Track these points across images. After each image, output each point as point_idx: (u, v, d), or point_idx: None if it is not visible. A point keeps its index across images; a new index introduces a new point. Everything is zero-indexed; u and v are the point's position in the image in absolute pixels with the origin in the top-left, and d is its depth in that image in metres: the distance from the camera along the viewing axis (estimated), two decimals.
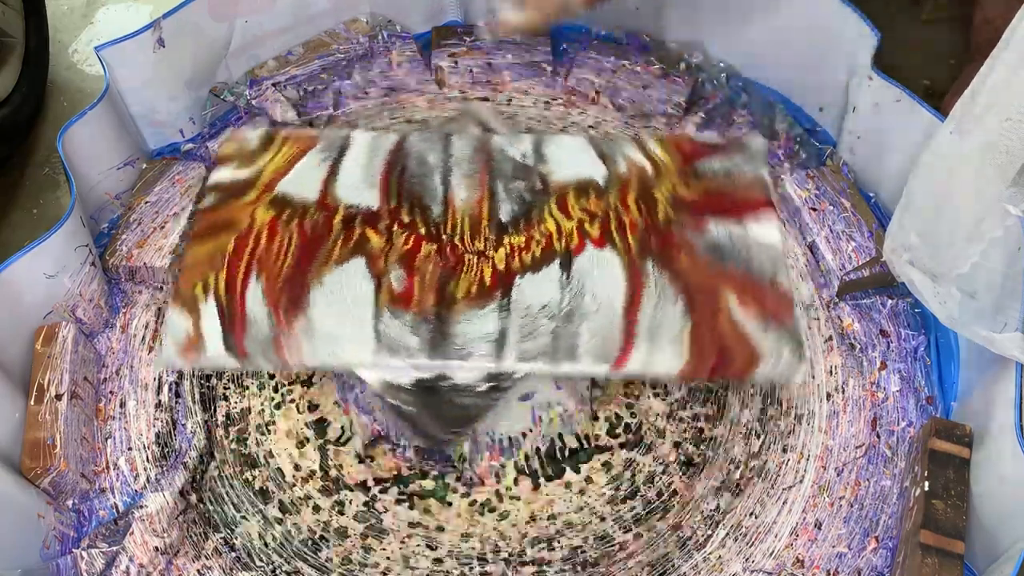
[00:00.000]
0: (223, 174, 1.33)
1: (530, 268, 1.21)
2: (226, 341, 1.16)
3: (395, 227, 1.26)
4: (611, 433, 1.31)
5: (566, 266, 1.21)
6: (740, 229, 1.24)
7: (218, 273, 1.22)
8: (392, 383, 1.18)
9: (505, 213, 1.27)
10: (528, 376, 1.17)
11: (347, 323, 1.17)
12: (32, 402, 1.26)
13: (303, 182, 1.31)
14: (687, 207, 1.27)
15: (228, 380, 1.38)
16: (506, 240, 1.24)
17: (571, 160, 1.33)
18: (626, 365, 1.13)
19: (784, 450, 1.30)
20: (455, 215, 1.27)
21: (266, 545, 1.25)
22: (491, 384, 1.17)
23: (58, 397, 1.27)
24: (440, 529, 1.25)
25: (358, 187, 1.31)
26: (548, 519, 1.25)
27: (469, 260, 1.22)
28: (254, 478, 1.30)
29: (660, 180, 1.30)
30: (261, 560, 1.23)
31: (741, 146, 1.33)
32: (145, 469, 1.30)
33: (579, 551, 1.23)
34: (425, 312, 1.17)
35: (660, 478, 1.28)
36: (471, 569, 1.22)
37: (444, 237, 1.25)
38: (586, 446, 1.30)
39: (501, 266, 1.21)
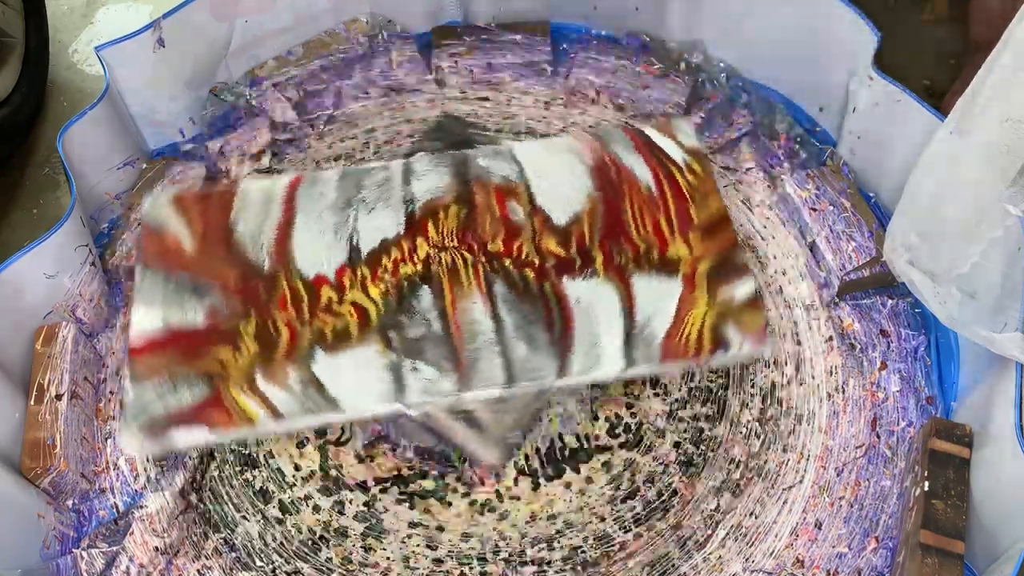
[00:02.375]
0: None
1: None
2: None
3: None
4: (611, 433, 1.31)
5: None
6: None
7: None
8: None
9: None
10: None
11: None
12: (32, 402, 1.26)
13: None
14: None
15: None
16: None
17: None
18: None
19: (784, 450, 1.30)
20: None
21: (266, 545, 1.25)
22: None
23: (58, 397, 1.27)
24: (440, 529, 1.25)
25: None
26: (548, 519, 1.25)
27: (463, 289, 1.24)
28: (254, 478, 1.30)
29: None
30: (261, 560, 1.23)
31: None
32: (145, 469, 1.30)
33: (579, 551, 1.23)
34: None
35: (660, 478, 1.28)
36: (471, 569, 1.22)
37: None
38: (586, 446, 1.30)
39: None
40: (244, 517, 1.27)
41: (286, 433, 1.27)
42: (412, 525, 1.26)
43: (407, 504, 1.27)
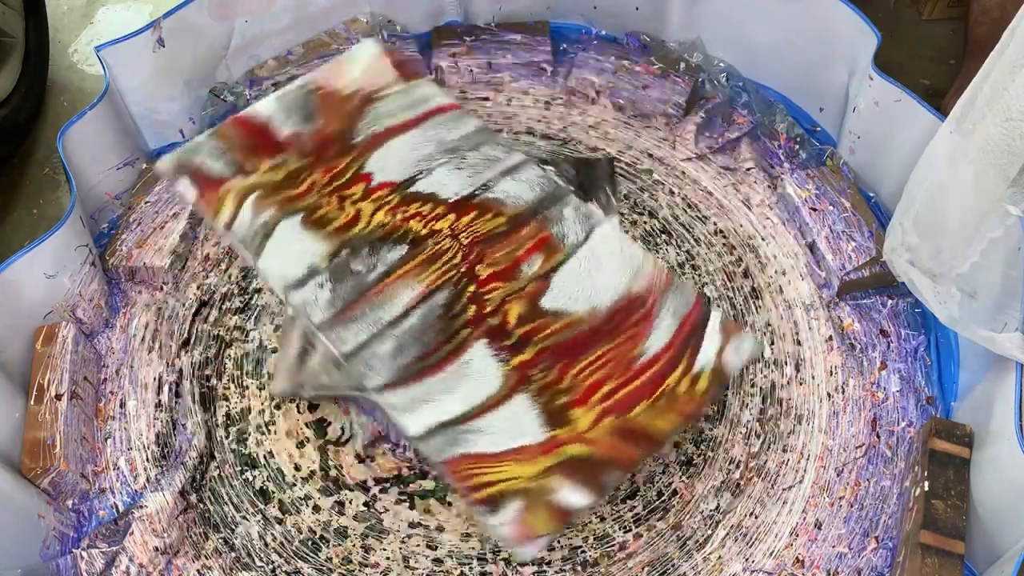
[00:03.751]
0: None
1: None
2: None
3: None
4: None
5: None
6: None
7: None
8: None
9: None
10: None
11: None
12: (32, 402, 1.26)
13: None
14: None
15: (228, 380, 1.38)
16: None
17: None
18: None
19: (784, 450, 1.30)
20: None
21: (266, 545, 1.25)
22: None
23: (58, 397, 1.27)
24: (440, 529, 1.25)
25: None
26: None
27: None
28: (254, 478, 1.30)
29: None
30: (261, 560, 1.23)
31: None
32: (145, 469, 1.30)
33: (579, 551, 1.23)
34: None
35: (660, 478, 1.28)
36: (471, 569, 1.22)
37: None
38: None
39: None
40: (244, 517, 1.27)
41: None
42: (412, 525, 1.26)
43: (407, 504, 1.27)
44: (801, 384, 1.34)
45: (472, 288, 1.17)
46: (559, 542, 1.23)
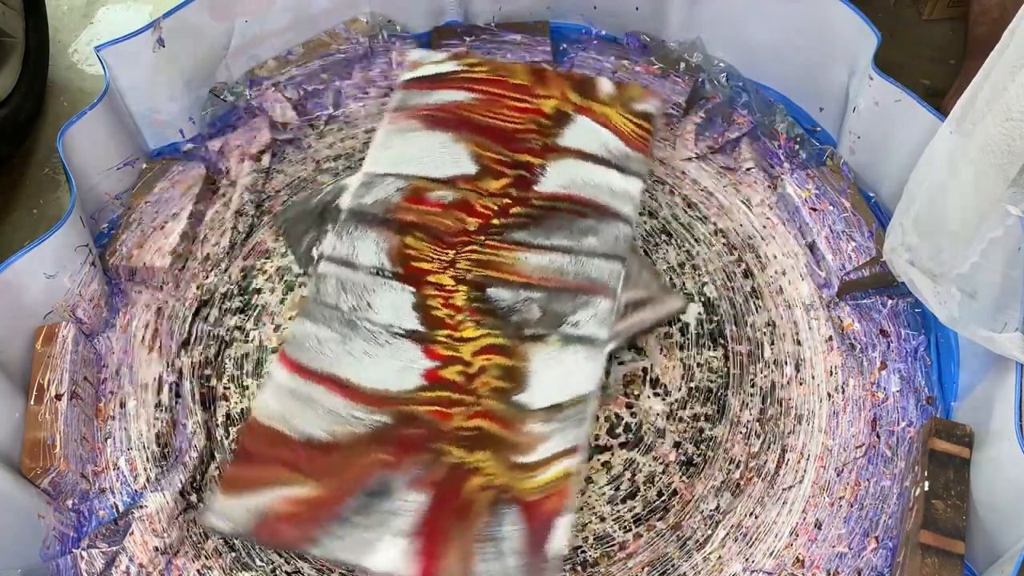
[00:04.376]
0: None
1: None
2: None
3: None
4: (611, 433, 1.31)
5: None
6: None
7: None
8: None
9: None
10: None
11: None
12: (32, 402, 1.26)
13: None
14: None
15: (228, 380, 1.38)
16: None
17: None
18: None
19: (784, 450, 1.30)
20: None
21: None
22: None
23: (58, 397, 1.27)
24: None
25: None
26: None
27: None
28: None
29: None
30: (261, 560, 1.23)
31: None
32: (145, 469, 1.30)
33: (579, 551, 1.23)
34: None
35: (660, 478, 1.28)
36: None
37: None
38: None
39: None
40: None
41: None
42: None
43: None
44: (801, 384, 1.34)
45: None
46: None
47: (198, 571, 1.22)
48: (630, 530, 1.24)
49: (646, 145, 1.38)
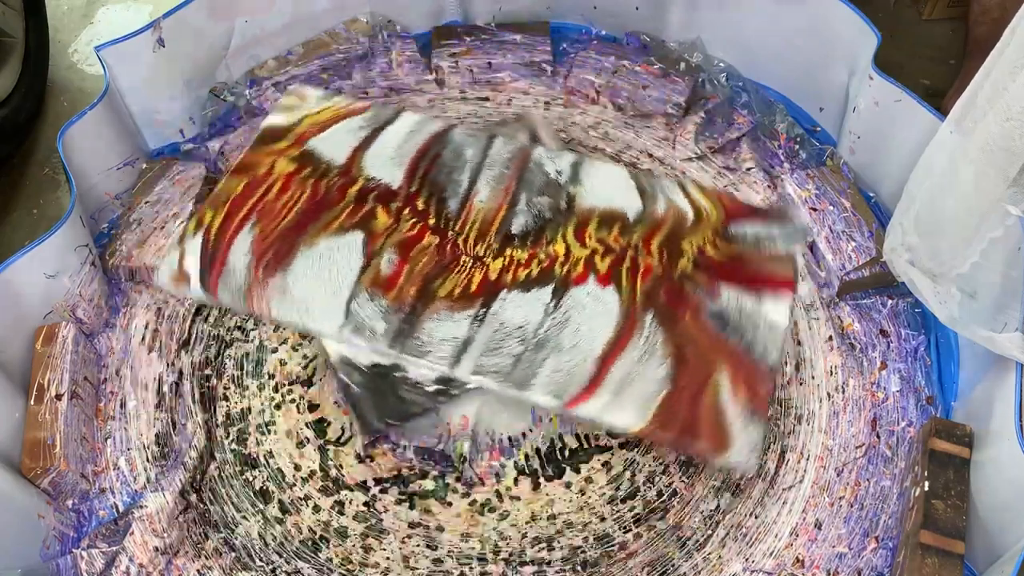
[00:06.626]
0: (276, 119, 1.36)
1: (521, 286, 1.18)
2: (202, 279, 1.20)
3: (406, 211, 1.25)
4: (611, 433, 1.31)
5: (559, 293, 1.17)
6: (753, 304, 1.16)
7: (216, 213, 1.25)
8: (349, 360, 1.21)
9: (518, 225, 1.24)
10: (479, 388, 1.15)
11: (323, 292, 1.18)
12: (32, 402, 1.26)
13: (335, 144, 1.32)
14: (708, 268, 1.18)
15: (228, 380, 1.38)
16: (508, 251, 1.21)
17: (606, 188, 1.27)
18: (578, 408, 1.09)
19: (784, 450, 1.30)
20: (469, 214, 1.25)
21: (266, 545, 1.25)
22: (439, 387, 1.19)
23: (58, 397, 1.27)
24: (440, 529, 1.25)
25: (386, 163, 1.30)
26: (548, 519, 1.25)
27: (464, 262, 1.21)
28: (254, 478, 1.30)
29: (692, 232, 1.21)
30: (261, 560, 1.23)
31: (783, 218, 1.26)
32: (145, 469, 1.30)
33: (579, 551, 1.23)
34: (402, 302, 1.17)
35: (660, 478, 1.28)
36: (471, 569, 1.22)
37: (450, 233, 1.23)
38: (586, 446, 1.30)
39: (493, 276, 1.19)
40: (244, 517, 1.27)
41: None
42: (412, 525, 1.26)
43: (407, 504, 1.27)
44: (801, 384, 1.34)
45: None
46: (559, 542, 1.23)
47: (198, 571, 1.22)
48: (630, 530, 1.24)
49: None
